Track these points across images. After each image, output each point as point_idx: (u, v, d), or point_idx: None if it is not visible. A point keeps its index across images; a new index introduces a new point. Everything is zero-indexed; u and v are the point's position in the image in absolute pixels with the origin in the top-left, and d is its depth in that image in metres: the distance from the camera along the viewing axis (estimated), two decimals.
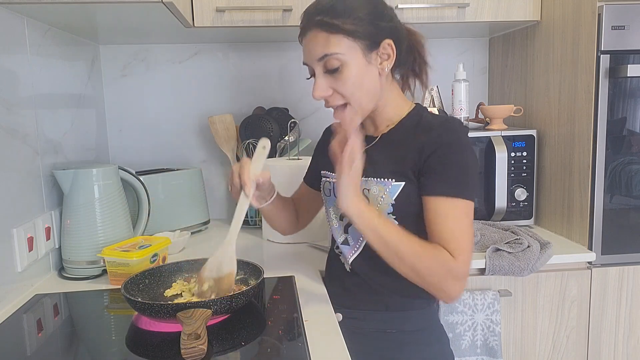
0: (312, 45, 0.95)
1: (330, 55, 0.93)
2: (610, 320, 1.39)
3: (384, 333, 1.03)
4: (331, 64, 0.94)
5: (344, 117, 0.98)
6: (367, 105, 0.99)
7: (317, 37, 0.94)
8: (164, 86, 1.78)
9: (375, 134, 1.05)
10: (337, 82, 0.95)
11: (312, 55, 0.95)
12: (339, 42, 0.93)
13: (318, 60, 0.95)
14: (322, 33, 0.93)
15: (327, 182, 1.10)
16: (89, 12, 1.21)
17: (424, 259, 0.89)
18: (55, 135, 1.33)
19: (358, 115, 0.98)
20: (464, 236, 0.91)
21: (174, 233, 1.50)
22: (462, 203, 0.92)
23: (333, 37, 0.92)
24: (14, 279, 1.10)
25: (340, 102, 0.97)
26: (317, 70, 0.96)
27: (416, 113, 1.03)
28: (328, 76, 0.95)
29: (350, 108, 0.97)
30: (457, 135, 0.95)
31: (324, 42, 0.93)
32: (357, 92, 0.96)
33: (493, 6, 1.51)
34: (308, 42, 0.96)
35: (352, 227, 1.03)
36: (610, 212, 1.35)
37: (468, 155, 0.94)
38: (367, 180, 1.00)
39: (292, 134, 1.65)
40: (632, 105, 1.33)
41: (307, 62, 0.98)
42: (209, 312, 0.84)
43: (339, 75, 0.94)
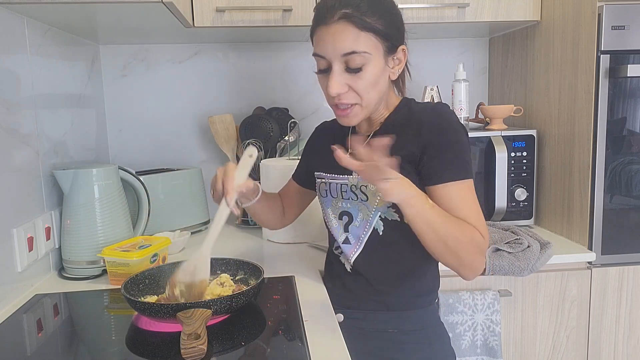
0: (339, 39, 0.90)
1: (358, 53, 0.90)
2: (610, 320, 1.39)
3: (385, 333, 1.03)
4: (355, 61, 0.91)
5: (347, 115, 0.97)
6: (374, 106, 0.98)
7: (346, 31, 0.89)
8: (164, 86, 1.78)
9: (368, 132, 1.05)
10: (355, 80, 0.92)
11: (337, 49, 0.90)
12: (367, 40, 0.90)
13: (342, 55, 0.91)
14: (353, 28, 0.89)
15: (323, 183, 1.09)
16: (89, 12, 1.21)
17: (465, 242, 0.90)
18: (55, 135, 1.33)
19: (363, 114, 0.97)
20: (479, 212, 0.93)
21: (174, 233, 1.50)
22: (468, 182, 0.94)
23: (363, 33, 0.89)
24: (14, 279, 1.10)
25: (354, 101, 0.95)
26: (336, 65, 0.92)
27: (404, 105, 1.03)
28: (346, 73, 0.93)
29: (359, 107, 0.96)
30: (449, 119, 0.95)
31: (353, 38, 0.89)
32: (371, 92, 0.95)
33: (493, 6, 1.51)
34: (332, 34, 0.90)
35: (352, 225, 1.04)
36: (610, 212, 1.35)
37: (462, 135, 0.95)
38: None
39: (292, 134, 1.65)
40: (632, 105, 1.33)
41: (327, 54, 0.92)
42: (208, 312, 0.84)
43: (360, 74, 0.92)
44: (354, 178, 1.02)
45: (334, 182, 1.06)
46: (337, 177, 1.05)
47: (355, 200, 1.02)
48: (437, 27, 1.61)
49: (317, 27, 0.94)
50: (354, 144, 0.84)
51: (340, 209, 1.06)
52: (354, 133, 1.08)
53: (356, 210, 1.03)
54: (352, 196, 1.02)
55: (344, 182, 1.04)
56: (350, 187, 1.02)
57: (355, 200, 1.02)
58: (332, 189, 1.06)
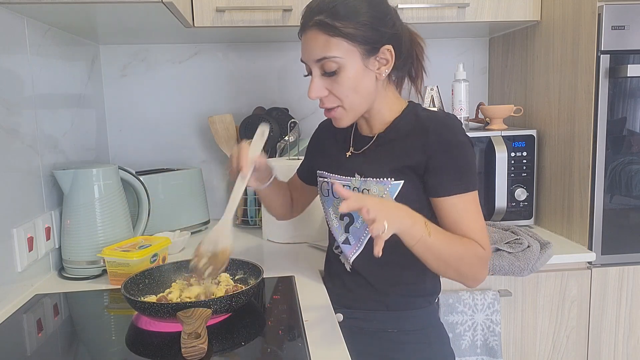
0: (311, 46, 0.94)
1: (329, 59, 0.92)
2: (610, 320, 1.39)
3: (385, 333, 1.03)
4: (329, 66, 0.93)
5: (333, 117, 1.00)
6: (359, 108, 0.99)
7: (317, 37, 0.93)
8: (164, 86, 1.78)
9: (371, 134, 1.05)
10: (333, 84, 0.95)
11: (311, 55, 0.95)
12: (338, 46, 0.92)
13: (316, 62, 0.94)
14: (322, 35, 0.92)
15: (325, 182, 1.09)
16: (89, 12, 1.21)
17: (466, 260, 0.93)
18: (55, 135, 1.33)
19: (348, 117, 0.99)
20: (482, 225, 0.96)
21: (174, 233, 1.50)
22: (473, 194, 0.96)
23: (333, 39, 0.91)
24: (14, 279, 1.10)
25: (335, 104, 0.97)
26: (314, 70, 0.96)
27: (411, 111, 1.02)
28: (325, 77, 0.95)
29: (342, 110, 0.98)
30: (456, 131, 0.96)
31: (323, 44, 0.92)
32: (351, 95, 0.96)
33: (493, 6, 1.51)
34: (307, 41, 0.95)
35: (353, 226, 1.03)
36: (610, 212, 1.35)
37: (469, 148, 0.96)
38: (366, 181, 1.00)
39: (292, 134, 1.65)
40: (632, 105, 1.33)
41: (305, 60, 0.97)
42: (208, 312, 0.84)
43: (336, 78, 0.94)
44: (356, 180, 1.02)
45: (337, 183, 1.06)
46: (340, 178, 1.05)
47: None
48: (437, 27, 1.61)
49: (299, 33, 0.98)
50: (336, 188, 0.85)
51: None
52: (358, 133, 1.08)
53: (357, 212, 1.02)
54: None
55: (346, 184, 1.03)
56: (353, 190, 1.02)
57: None
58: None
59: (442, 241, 0.91)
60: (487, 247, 0.95)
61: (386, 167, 0.98)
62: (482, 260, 0.95)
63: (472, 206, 0.95)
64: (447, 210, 0.95)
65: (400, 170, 0.96)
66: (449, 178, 0.94)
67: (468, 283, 0.97)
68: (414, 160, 0.95)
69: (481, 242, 0.94)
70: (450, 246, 0.91)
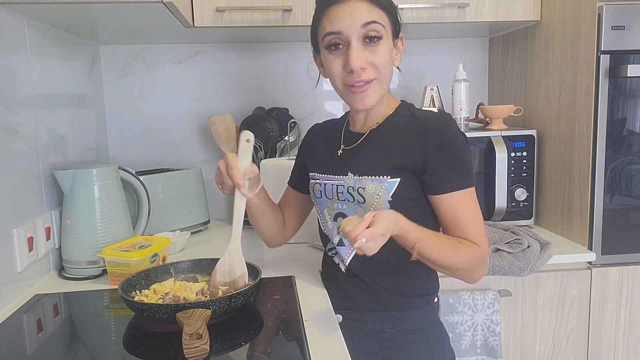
0: (357, 11, 0.93)
1: (377, 23, 0.93)
2: (610, 320, 1.39)
3: (384, 333, 1.03)
4: (375, 31, 0.93)
5: (366, 92, 0.97)
6: (386, 86, 1.00)
7: (361, 5, 0.93)
8: (164, 86, 1.78)
9: (363, 130, 1.05)
10: (373, 54, 0.95)
11: (356, 19, 0.93)
12: (380, 16, 0.94)
13: (362, 26, 0.93)
14: (367, 3, 0.93)
15: (317, 183, 1.08)
16: (89, 12, 1.21)
17: (459, 260, 0.94)
18: (55, 135, 1.33)
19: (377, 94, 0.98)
20: (480, 222, 0.97)
21: (174, 233, 1.50)
22: (470, 191, 0.97)
23: (376, 9, 0.94)
24: (14, 279, 1.10)
25: (372, 76, 0.96)
26: (354, 39, 0.93)
27: (405, 109, 1.04)
28: (364, 48, 0.94)
29: (377, 83, 0.97)
30: (453, 130, 0.97)
31: (368, 10, 0.93)
32: (388, 68, 0.97)
33: (493, 6, 1.51)
34: (350, 9, 0.93)
35: None
36: (610, 212, 1.35)
37: (465, 146, 0.98)
38: (361, 179, 0.99)
39: (292, 134, 1.65)
40: (632, 105, 1.33)
41: (344, 29, 0.93)
42: (208, 312, 0.84)
43: (376, 47, 0.94)
44: (349, 179, 1.01)
45: (329, 183, 1.05)
46: (333, 177, 1.05)
47: (352, 202, 1.02)
48: (437, 27, 1.61)
49: (328, 7, 0.96)
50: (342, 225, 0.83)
51: (336, 210, 1.05)
52: (348, 130, 1.08)
53: (352, 212, 1.02)
54: (349, 197, 1.02)
55: (340, 183, 1.03)
56: (347, 189, 1.02)
57: (352, 202, 1.02)
58: (328, 190, 1.06)
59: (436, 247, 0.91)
60: (484, 244, 0.96)
61: (382, 164, 0.98)
62: (480, 261, 0.96)
63: (471, 202, 0.96)
64: (446, 207, 0.96)
65: (396, 168, 0.97)
66: (448, 176, 0.94)
67: (466, 280, 0.99)
68: (412, 159, 0.96)
69: (478, 239, 0.95)
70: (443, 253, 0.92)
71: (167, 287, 1.01)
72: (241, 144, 1.00)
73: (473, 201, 0.97)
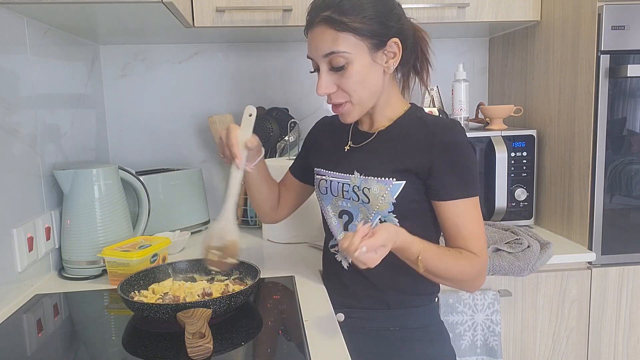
0: (319, 41, 0.94)
1: (337, 53, 0.93)
2: (610, 320, 1.39)
3: (387, 331, 1.03)
4: (337, 61, 0.94)
5: (341, 112, 1.00)
6: (367, 102, 0.99)
7: (324, 33, 0.93)
8: (164, 86, 1.78)
9: (371, 131, 1.05)
10: (341, 79, 0.95)
11: (318, 51, 0.95)
12: (345, 40, 0.92)
13: (324, 57, 0.95)
14: (330, 30, 0.92)
15: (323, 180, 1.09)
16: (89, 12, 1.21)
17: (461, 272, 0.95)
18: (55, 135, 1.32)
19: (356, 112, 0.99)
20: (481, 232, 0.97)
21: (174, 233, 1.50)
22: (474, 200, 0.96)
23: (340, 34, 0.92)
24: (14, 279, 1.10)
25: (343, 99, 0.97)
26: (322, 66, 0.96)
27: (413, 112, 1.04)
28: (333, 73, 0.96)
29: (350, 105, 0.98)
30: (460, 137, 0.97)
31: (330, 39, 0.93)
32: (359, 90, 0.96)
33: (493, 6, 1.51)
34: (315, 37, 0.95)
35: (352, 224, 1.04)
36: (610, 212, 1.35)
37: (472, 154, 0.97)
38: (366, 179, 1.00)
39: (292, 134, 1.65)
40: (632, 105, 1.33)
41: (313, 56, 0.97)
42: (209, 312, 0.84)
43: (344, 73, 0.95)
44: (355, 178, 1.02)
45: (335, 180, 1.06)
46: (339, 175, 1.05)
47: (357, 202, 1.02)
48: (437, 27, 1.61)
49: (305, 30, 0.99)
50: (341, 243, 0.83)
51: (340, 207, 1.06)
52: (356, 128, 1.08)
53: (356, 211, 1.03)
54: (354, 196, 1.02)
55: (346, 182, 1.03)
56: (353, 188, 1.02)
57: (357, 201, 1.02)
58: (333, 187, 1.06)
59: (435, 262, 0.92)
60: (484, 255, 0.96)
61: (388, 166, 0.98)
62: (479, 272, 0.96)
63: (473, 211, 0.96)
64: (449, 215, 0.96)
65: (402, 170, 0.97)
66: (452, 182, 0.95)
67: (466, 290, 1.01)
68: (418, 163, 0.96)
69: (479, 250, 0.95)
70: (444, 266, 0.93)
71: (166, 287, 1.02)
72: (244, 118, 1.02)
73: (476, 210, 0.96)
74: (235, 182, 1.00)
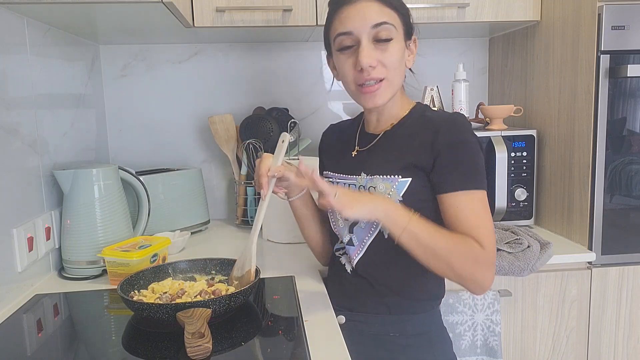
0: (367, 12, 0.94)
1: (388, 24, 0.94)
2: (610, 320, 1.39)
3: (387, 336, 1.02)
4: (386, 32, 0.94)
5: (376, 92, 0.97)
6: (396, 87, 1.00)
7: (372, 6, 0.94)
8: (164, 86, 1.78)
9: (377, 132, 1.05)
10: (384, 53, 0.95)
11: (366, 21, 0.94)
12: (392, 17, 0.95)
13: (372, 27, 0.94)
14: (379, 4, 0.94)
15: (330, 182, 1.09)
16: (89, 12, 1.21)
17: (457, 253, 0.90)
18: (55, 135, 1.33)
19: (388, 93, 0.98)
20: (487, 225, 0.93)
21: (174, 233, 1.50)
22: (479, 194, 0.94)
23: (387, 9, 0.95)
24: (14, 279, 1.10)
25: (382, 75, 0.96)
26: (364, 39, 0.95)
27: (418, 110, 1.04)
28: (374, 48, 0.95)
29: (387, 83, 0.97)
30: (465, 131, 0.96)
31: (378, 11, 0.94)
32: (398, 68, 0.98)
33: (493, 6, 1.51)
34: (361, 8, 0.95)
35: (357, 227, 1.03)
36: (610, 212, 1.35)
37: (476, 147, 0.96)
38: (372, 178, 1.00)
39: (292, 134, 1.65)
40: (632, 105, 1.33)
41: (355, 29, 0.95)
42: (208, 311, 0.84)
43: (387, 47, 0.95)
44: (362, 178, 1.02)
45: (342, 182, 1.06)
46: (346, 177, 1.06)
47: None
48: (437, 27, 1.61)
49: (339, 8, 0.97)
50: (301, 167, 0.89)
51: None
52: (363, 132, 1.08)
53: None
54: None
55: (352, 183, 1.04)
56: (359, 188, 1.02)
57: None
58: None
59: (428, 231, 0.90)
60: (488, 246, 0.91)
61: (393, 164, 0.98)
62: (477, 259, 0.91)
63: (477, 204, 0.93)
64: (449, 207, 0.94)
65: (408, 167, 0.96)
66: (454, 175, 0.93)
67: (470, 287, 0.93)
68: (422, 158, 0.95)
69: (481, 239, 0.91)
70: (437, 237, 0.90)
71: (166, 286, 1.02)
72: (278, 144, 1.02)
73: (481, 204, 0.94)
74: (260, 212, 1.01)
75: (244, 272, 1.01)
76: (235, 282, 1.03)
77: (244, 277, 1.01)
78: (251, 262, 1.01)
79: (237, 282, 1.03)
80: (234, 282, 1.03)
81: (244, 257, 1.03)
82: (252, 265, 1.01)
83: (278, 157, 1.00)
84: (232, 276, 1.04)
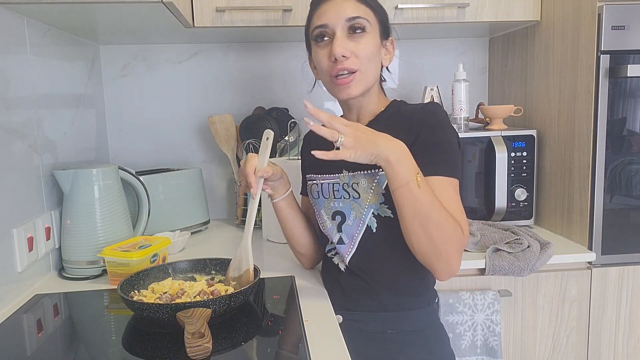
0: (343, 7, 0.98)
1: (362, 18, 0.98)
2: (610, 320, 1.39)
3: (384, 334, 1.02)
4: (360, 23, 0.97)
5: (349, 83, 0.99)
6: (371, 80, 1.01)
7: (348, 2, 0.98)
8: (164, 86, 1.78)
9: None
10: (357, 45, 0.98)
11: (341, 14, 0.98)
12: (366, 12, 0.99)
13: (347, 20, 0.97)
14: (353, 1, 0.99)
15: (315, 184, 1.09)
16: (89, 12, 1.21)
17: (445, 229, 0.88)
18: (55, 135, 1.33)
19: (362, 85, 1.00)
20: (461, 210, 0.93)
21: (174, 233, 1.50)
22: (452, 181, 0.94)
23: (362, 6, 0.99)
24: (14, 279, 1.10)
25: (355, 66, 0.98)
26: (339, 32, 0.98)
27: (394, 105, 1.06)
28: (349, 40, 0.98)
29: (360, 75, 0.99)
30: (437, 117, 0.97)
31: (354, 6, 0.98)
32: (371, 61, 1.00)
33: (493, 6, 1.51)
34: (337, 4, 0.99)
35: (345, 224, 1.04)
36: (610, 212, 1.35)
37: (451, 135, 0.97)
38: (354, 175, 1.01)
39: (292, 134, 1.65)
40: (632, 105, 1.32)
41: (330, 21, 0.98)
42: (208, 311, 0.84)
43: (361, 39, 0.98)
44: (344, 176, 1.02)
45: (326, 182, 1.06)
46: (328, 177, 1.06)
47: (347, 199, 1.03)
48: (437, 27, 1.61)
49: (318, 5, 1.02)
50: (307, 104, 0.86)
51: (333, 208, 1.06)
52: None
53: (349, 209, 1.03)
54: (344, 194, 1.03)
55: (335, 181, 1.04)
56: (342, 186, 1.03)
57: (347, 198, 1.03)
58: (324, 189, 1.07)
59: (428, 198, 0.86)
60: (466, 232, 0.91)
61: None
62: (459, 242, 0.90)
63: (451, 191, 0.93)
64: None
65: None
66: (428, 160, 0.93)
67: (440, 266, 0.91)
68: None
69: (462, 224, 0.90)
70: (434, 207, 0.87)
71: (166, 286, 1.02)
72: (262, 143, 1.02)
73: (454, 191, 0.93)
74: (252, 212, 1.01)
75: (242, 272, 1.01)
76: (233, 282, 1.03)
77: (243, 277, 1.01)
78: (248, 261, 1.01)
79: (235, 282, 1.02)
80: (231, 283, 1.03)
81: (239, 257, 1.03)
82: (250, 264, 1.01)
83: (264, 156, 1.00)
84: (228, 277, 1.04)
